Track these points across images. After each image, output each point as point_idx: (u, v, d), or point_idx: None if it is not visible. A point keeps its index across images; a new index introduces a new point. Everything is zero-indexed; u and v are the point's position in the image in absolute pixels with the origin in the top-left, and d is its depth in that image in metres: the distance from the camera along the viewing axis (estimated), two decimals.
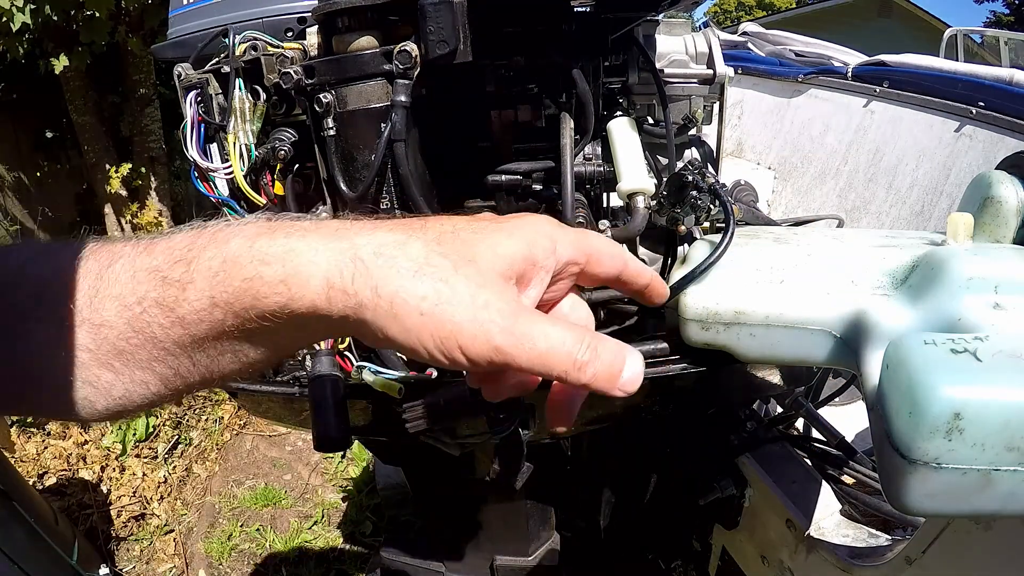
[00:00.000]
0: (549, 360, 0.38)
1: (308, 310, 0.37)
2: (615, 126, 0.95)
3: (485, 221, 0.43)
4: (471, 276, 0.38)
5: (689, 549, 1.46)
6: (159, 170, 4.03)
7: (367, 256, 0.37)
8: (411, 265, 0.37)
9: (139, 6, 3.24)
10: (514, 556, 1.39)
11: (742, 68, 2.73)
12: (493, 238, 0.41)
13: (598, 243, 0.46)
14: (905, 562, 0.84)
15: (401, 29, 0.79)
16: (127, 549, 2.73)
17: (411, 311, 0.37)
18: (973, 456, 0.48)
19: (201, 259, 0.37)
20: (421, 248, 0.38)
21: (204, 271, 0.37)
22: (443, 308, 0.37)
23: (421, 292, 0.37)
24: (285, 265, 0.37)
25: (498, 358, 0.37)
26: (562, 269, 0.44)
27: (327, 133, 0.81)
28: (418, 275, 0.37)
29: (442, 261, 0.38)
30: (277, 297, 0.37)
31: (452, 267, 0.38)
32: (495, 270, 0.39)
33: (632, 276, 0.49)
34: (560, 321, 0.40)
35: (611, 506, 1.44)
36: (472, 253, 0.39)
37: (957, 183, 1.98)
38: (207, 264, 0.37)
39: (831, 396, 1.33)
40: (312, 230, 0.39)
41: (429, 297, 0.37)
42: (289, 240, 0.38)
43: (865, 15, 13.01)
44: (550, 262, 0.43)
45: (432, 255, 0.38)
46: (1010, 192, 0.65)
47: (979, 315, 0.56)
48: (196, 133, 0.86)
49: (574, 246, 0.44)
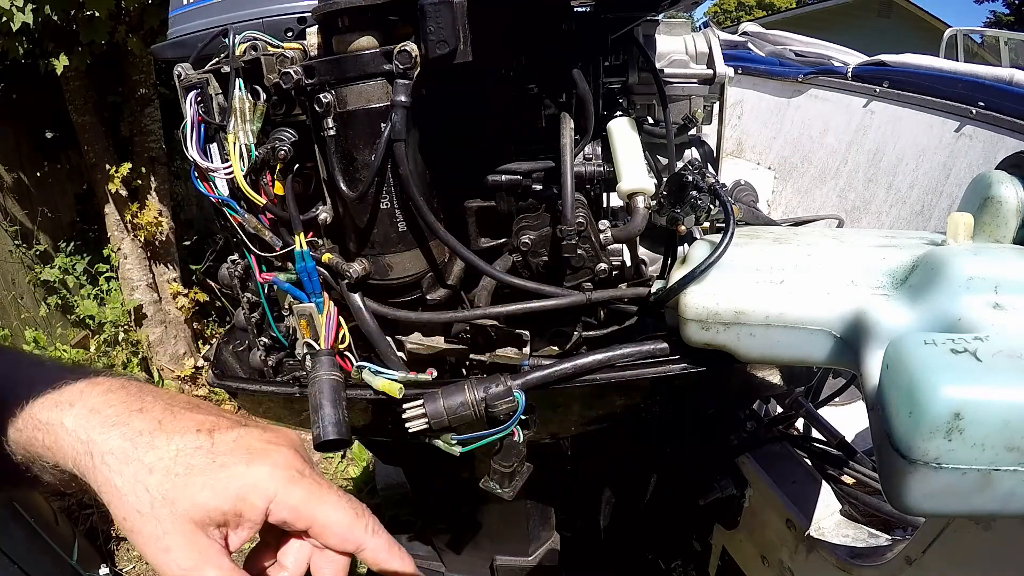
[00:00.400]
0: None
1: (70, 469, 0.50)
2: (615, 126, 0.95)
3: (238, 449, 0.49)
4: (162, 519, 0.46)
5: (689, 549, 1.46)
6: (159, 170, 4.02)
7: (96, 455, 0.47)
8: (121, 486, 0.46)
9: (139, 6, 3.24)
10: (514, 556, 1.39)
11: (742, 68, 2.73)
12: (204, 483, 0.47)
13: (326, 518, 0.50)
14: (905, 562, 0.84)
15: (401, 29, 0.79)
16: (127, 549, 2.73)
17: (118, 521, 0.47)
18: (973, 456, 0.48)
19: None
20: (136, 472, 0.46)
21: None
22: (136, 537, 0.46)
23: (122, 514, 0.46)
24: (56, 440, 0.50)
25: None
26: (280, 525, 0.50)
27: (327, 133, 0.81)
28: (124, 499, 0.46)
29: (143, 495, 0.46)
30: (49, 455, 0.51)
31: (149, 503, 0.46)
32: (189, 517, 0.46)
33: (371, 561, 0.51)
34: (238, 574, 0.47)
35: (611, 506, 1.44)
36: (176, 494, 0.46)
37: (957, 183, 1.98)
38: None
39: (831, 396, 1.33)
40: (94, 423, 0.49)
41: (128, 520, 0.46)
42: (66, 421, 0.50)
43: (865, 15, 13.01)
44: (256, 518, 0.49)
45: (139, 483, 0.46)
46: (1010, 192, 0.65)
47: (979, 315, 0.56)
48: (196, 133, 0.86)
49: (293, 513, 0.49)
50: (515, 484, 0.85)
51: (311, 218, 0.89)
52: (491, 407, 0.78)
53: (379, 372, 0.83)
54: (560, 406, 0.90)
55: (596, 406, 0.91)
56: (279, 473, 0.49)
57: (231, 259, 0.99)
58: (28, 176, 3.96)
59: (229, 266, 0.99)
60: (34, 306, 3.93)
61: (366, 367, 0.84)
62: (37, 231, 4.00)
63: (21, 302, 3.84)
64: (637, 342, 0.84)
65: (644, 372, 0.82)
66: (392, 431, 0.82)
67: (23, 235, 3.87)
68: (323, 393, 0.79)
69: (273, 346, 1.00)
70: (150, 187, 3.97)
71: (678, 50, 1.13)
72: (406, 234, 0.86)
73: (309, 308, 0.86)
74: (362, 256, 0.88)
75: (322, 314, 0.85)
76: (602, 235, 0.90)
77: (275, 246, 0.88)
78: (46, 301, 3.94)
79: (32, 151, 4.02)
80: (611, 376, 0.83)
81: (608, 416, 0.94)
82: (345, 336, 0.87)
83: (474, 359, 0.94)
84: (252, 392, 0.95)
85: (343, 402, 0.79)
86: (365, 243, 0.87)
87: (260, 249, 0.90)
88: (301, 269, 0.85)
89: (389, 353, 0.90)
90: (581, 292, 0.88)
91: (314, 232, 0.90)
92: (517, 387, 0.79)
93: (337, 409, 0.77)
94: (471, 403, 0.78)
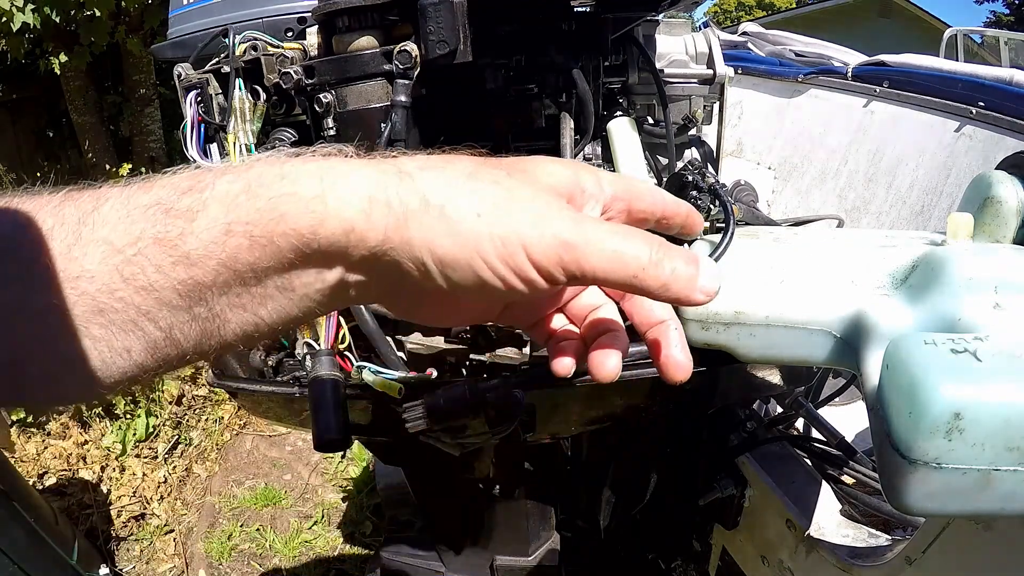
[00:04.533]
0: (623, 257, 0.33)
1: (343, 232, 0.32)
2: (615, 126, 0.95)
3: (521, 156, 0.40)
4: (527, 182, 0.35)
5: (689, 549, 1.46)
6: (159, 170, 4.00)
7: (413, 170, 0.34)
8: (462, 172, 0.34)
9: (139, 6, 3.24)
10: (514, 556, 1.39)
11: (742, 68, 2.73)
12: (539, 161, 0.38)
13: (637, 184, 0.43)
14: (905, 562, 0.84)
15: (401, 29, 0.79)
16: (127, 549, 2.73)
17: (466, 214, 0.33)
18: (973, 456, 0.48)
19: (217, 185, 0.32)
20: (469, 161, 0.36)
21: (221, 196, 0.32)
22: (504, 207, 0.33)
23: (475, 209, 0.33)
24: (323, 180, 0.32)
25: (568, 256, 0.33)
26: (609, 204, 0.40)
27: (327, 133, 0.81)
28: (471, 178, 0.34)
29: (494, 170, 0.35)
30: (309, 217, 0.31)
31: (506, 174, 0.35)
32: (548, 183, 0.36)
33: (672, 212, 0.42)
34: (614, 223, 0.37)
35: (611, 506, 1.44)
36: (523, 167, 0.37)
37: (957, 183, 1.98)
38: (225, 189, 0.32)
39: (831, 396, 1.33)
40: (349, 154, 0.36)
41: (487, 198, 0.33)
42: (326, 160, 0.34)
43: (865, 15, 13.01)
44: (598, 192, 0.39)
45: (481, 166, 0.35)
46: (1010, 192, 0.65)
47: (979, 315, 0.56)
48: (196, 133, 0.86)
49: (616, 184, 0.40)
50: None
51: None
52: (491, 407, 0.78)
53: (379, 372, 0.83)
54: (560, 406, 0.90)
55: (596, 406, 0.91)
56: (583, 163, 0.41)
57: None
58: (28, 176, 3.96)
59: None
60: None
61: (366, 367, 0.84)
62: None
63: None
64: (637, 342, 0.84)
65: (644, 372, 0.82)
66: (392, 431, 0.82)
67: None
68: (323, 393, 0.79)
69: (273, 346, 1.00)
70: None
71: (678, 50, 1.13)
72: None
73: None
74: None
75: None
76: None
77: None
78: None
79: (32, 151, 4.02)
80: None
81: (608, 416, 0.94)
82: (345, 336, 0.87)
83: (474, 359, 0.94)
84: (252, 392, 0.95)
85: (343, 402, 0.79)
86: None
87: None
88: None
89: (389, 353, 0.90)
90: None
91: None
92: (517, 387, 0.79)
93: (337, 409, 0.77)
94: (471, 403, 0.78)
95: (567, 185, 0.37)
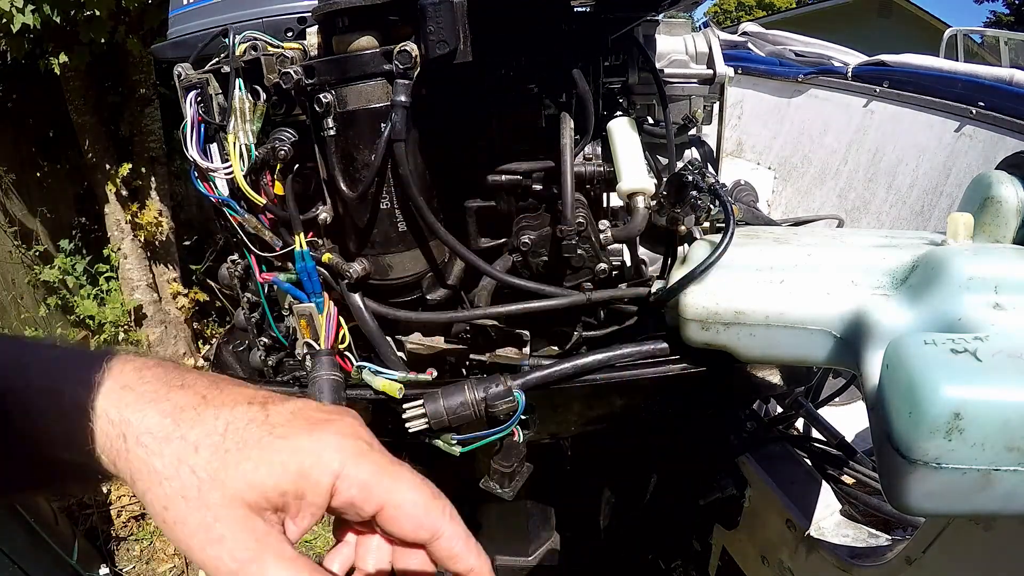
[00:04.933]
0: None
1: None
2: (615, 126, 0.95)
3: (296, 420, 0.42)
4: (211, 504, 0.38)
5: (689, 549, 1.46)
6: (159, 170, 4.02)
7: (130, 437, 0.40)
8: (162, 468, 0.39)
9: (139, 6, 3.24)
10: (514, 556, 1.39)
11: (742, 68, 2.73)
12: (260, 458, 0.39)
13: (401, 497, 0.42)
14: (905, 562, 0.84)
15: (401, 29, 0.79)
16: (127, 549, 2.73)
17: (156, 512, 0.39)
18: (973, 456, 0.48)
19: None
20: (180, 451, 0.39)
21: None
22: (179, 529, 0.38)
23: (162, 503, 0.39)
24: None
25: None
26: (345, 509, 0.41)
27: (327, 133, 0.81)
28: (165, 484, 0.39)
29: (188, 478, 0.38)
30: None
31: (196, 486, 0.38)
32: (243, 500, 0.38)
33: (444, 554, 0.43)
34: (303, 564, 0.39)
35: (611, 506, 1.44)
36: (227, 474, 0.39)
37: (957, 183, 1.98)
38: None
39: (831, 396, 1.33)
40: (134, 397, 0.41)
41: (171, 509, 0.38)
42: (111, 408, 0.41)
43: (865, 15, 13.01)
44: (320, 499, 0.40)
45: (184, 464, 0.39)
46: (1010, 192, 0.65)
47: (979, 315, 0.56)
48: (196, 133, 0.86)
49: (364, 490, 0.41)
50: (515, 484, 0.85)
51: (311, 218, 0.89)
52: (491, 407, 0.78)
53: (379, 372, 0.83)
54: (560, 406, 0.90)
55: (596, 406, 0.91)
56: (347, 443, 0.41)
57: (231, 259, 0.99)
58: (28, 176, 3.96)
59: (229, 266, 0.99)
60: (34, 306, 3.93)
61: (366, 367, 0.84)
62: (37, 231, 4.00)
63: (21, 302, 3.84)
64: (637, 342, 0.84)
65: (644, 372, 0.82)
66: (392, 431, 0.82)
67: (23, 235, 3.87)
68: (323, 393, 0.79)
69: (273, 346, 1.00)
70: (150, 187, 3.97)
71: (678, 50, 1.13)
72: (406, 234, 0.86)
73: (309, 308, 0.86)
74: (362, 256, 0.88)
75: (322, 314, 0.85)
76: (602, 235, 0.90)
77: (275, 246, 0.88)
78: (46, 301, 3.93)
79: (32, 151, 4.02)
80: (611, 376, 0.83)
81: (608, 416, 0.94)
82: (345, 336, 0.87)
83: (474, 359, 0.94)
84: None
85: (343, 402, 0.79)
86: (365, 243, 0.87)
87: (260, 249, 0.90)
88: (301, 269, 0.85)
89: (389, 353, 0.90)
90: (581, 292, 0.88)
91: (314, 232, 0.90)
92: (517, 387, 0.79)
93: None
94: (471, 403, 0.78)
95: (272, 497, 0.39)
